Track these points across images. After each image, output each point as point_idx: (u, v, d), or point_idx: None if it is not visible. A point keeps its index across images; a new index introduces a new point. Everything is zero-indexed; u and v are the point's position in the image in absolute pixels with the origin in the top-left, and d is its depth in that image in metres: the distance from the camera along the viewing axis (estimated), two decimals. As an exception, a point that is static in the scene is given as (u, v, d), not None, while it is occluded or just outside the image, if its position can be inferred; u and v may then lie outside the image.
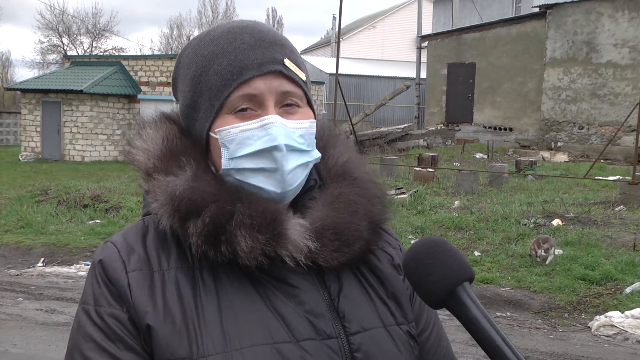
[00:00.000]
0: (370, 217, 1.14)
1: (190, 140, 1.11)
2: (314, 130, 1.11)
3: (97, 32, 48.34)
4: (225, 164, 1.07)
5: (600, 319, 6.21)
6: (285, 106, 1.08)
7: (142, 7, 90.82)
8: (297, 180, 1.08)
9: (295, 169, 1.07)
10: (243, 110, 1.06)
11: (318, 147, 1.13)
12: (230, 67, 1.06)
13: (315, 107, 1.16)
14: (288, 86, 1.07)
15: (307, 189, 1.14)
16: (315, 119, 1.13)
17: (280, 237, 1.03)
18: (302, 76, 1.11)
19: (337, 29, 20.02)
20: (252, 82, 1.05)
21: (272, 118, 1.05)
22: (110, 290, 1.03)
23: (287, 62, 1.08)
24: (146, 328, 1.00)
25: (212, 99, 1.07)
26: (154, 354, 1.01)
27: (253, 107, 1.06)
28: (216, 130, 1.07)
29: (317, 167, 1.18)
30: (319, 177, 1.18)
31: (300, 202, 1.12)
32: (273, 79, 1.06)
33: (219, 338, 1.00)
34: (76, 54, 42.96)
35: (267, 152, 1.05)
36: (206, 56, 1.09)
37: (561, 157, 19.94)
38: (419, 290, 1.00)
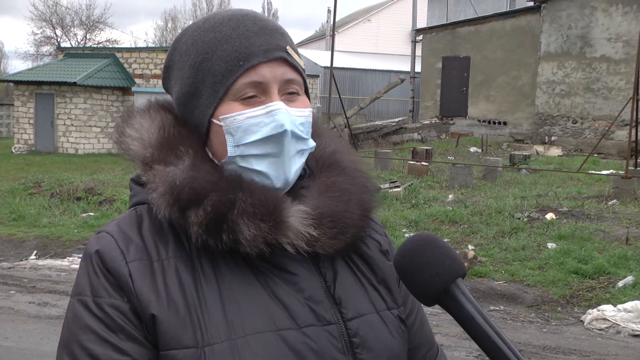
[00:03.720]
0: (362, 205, 1.15)
1: (187, 128, 1.11)
2: (311, 119, 1.13)
3: (91, 24, 48.14)
4: (231, 151, 1.07)
5: (593, 313, 6.23)
6: (287, 94, 1.09)
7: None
8: (296, 166, 1.10)
9: (295, 155, 1.09)
10: (249, 97, 1.06)
11: None
12: (235, 53, 1.06)
13: (310, 97, 1.18)
14: (291, 74, 1.09)
15: (299, 177, 1.15)
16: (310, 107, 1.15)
17: (282, 224, 1.04)
18: (302, 64, 1.13)
19: (332, 22, 19.96)
20: (258, 68, 1.06)
21: (278, 105, 1.06)
22: (110, 281, 1.02)
23: (289, 49, 1.10)
24: (150, 318, 1.00)
25: (216, 85, 1.07)
26: (158, 343, 1.00)
27: (257, 94, 1.07)
28: (220, 117, 1.07)
29: None
30: (308, 167, 1.19)
31: (293, 191, 1.13)
32: (277, 66, 1.07)
33: (223, 326, 1.00)
34: (70, 45, 42.73)
35: (274, 138, 1.06)
36: (208, 42, 1.09)
37: (555, 151, 19.97)
38: (411, 287, 0.99)
